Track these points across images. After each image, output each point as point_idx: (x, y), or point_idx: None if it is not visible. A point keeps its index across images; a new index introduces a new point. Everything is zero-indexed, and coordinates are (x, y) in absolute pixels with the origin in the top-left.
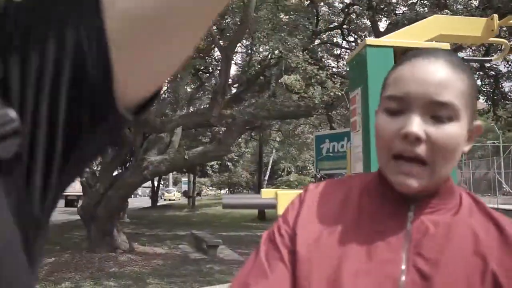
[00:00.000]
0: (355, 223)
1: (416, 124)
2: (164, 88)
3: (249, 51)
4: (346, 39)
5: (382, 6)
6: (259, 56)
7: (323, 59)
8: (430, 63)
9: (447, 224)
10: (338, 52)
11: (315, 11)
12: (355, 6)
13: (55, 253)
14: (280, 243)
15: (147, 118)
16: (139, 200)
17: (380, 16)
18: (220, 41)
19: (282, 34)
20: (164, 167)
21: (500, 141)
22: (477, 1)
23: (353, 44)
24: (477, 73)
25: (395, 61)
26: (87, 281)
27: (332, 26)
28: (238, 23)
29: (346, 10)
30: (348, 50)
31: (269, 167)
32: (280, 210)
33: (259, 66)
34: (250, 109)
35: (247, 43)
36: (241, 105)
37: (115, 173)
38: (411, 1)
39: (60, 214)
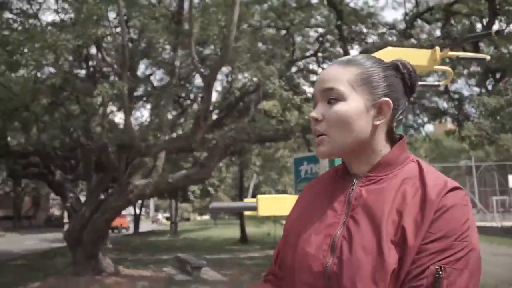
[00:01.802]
0: (320, 201)
1: (316, 110)
2: (147, 115)
3: (229, 79)
4: (321, 66)
5: (353, 36)
6: (238, 84)
7: (300, 85)
8: (328, 67)
9: (379, 190)
10: (314, 78)
11: (291, 40)
12: (328, 36)
13: (40, 279)
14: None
15: (132, 143)
16: None
17: (352, 45)
18: (201, 69)
19: (261, 63)
20: (149, 190)
21: (472, 161)
22: (439, 32)
23: None
24: (443, 96)
25: None
26: None
27: (307, 54)
28: (219, 52)
29: (320, 39)
30: None
31: (250, 191)
32: (260, 211)
33: (239, 93)
34: (231, 133)
35: (227, 71)
36: (222, 130)
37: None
38: (381, 31)
39: (42, 242)
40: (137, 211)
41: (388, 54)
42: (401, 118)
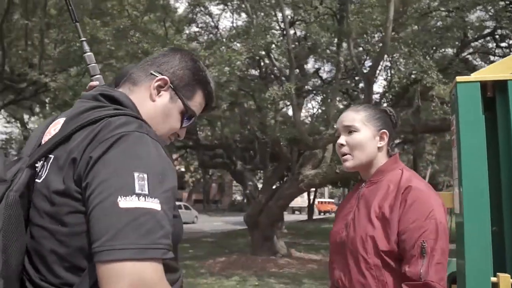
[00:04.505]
0: (348, 199)
1: (341, 139)
2: (316, 108)
3: (390, 72)
4: (499, 45)
5: None
6: (398, 78)
7: (476, 67)
8: (346, 111)
9: (374, 189)
10: (493, 59)
11: (463, 21)
12: (507, 12)
13: (224, 255)
14: None
15: (301, 137)
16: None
17: None
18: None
19: (420, 53)
20: (318, 180)
21: None
22: None
23: (507, 50)
24: None
25: (483, 92)
26: (252, 277)
27: (484, 33)
28: (376, 43)
29: (498, 15)
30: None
31: (426, 181)
32: None
33: (398, 85)
34: None
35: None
36: None
37: (274, 186)
38: None
39: (226, 224)
40: (311, 198)
41: None
42: (393, 142)
